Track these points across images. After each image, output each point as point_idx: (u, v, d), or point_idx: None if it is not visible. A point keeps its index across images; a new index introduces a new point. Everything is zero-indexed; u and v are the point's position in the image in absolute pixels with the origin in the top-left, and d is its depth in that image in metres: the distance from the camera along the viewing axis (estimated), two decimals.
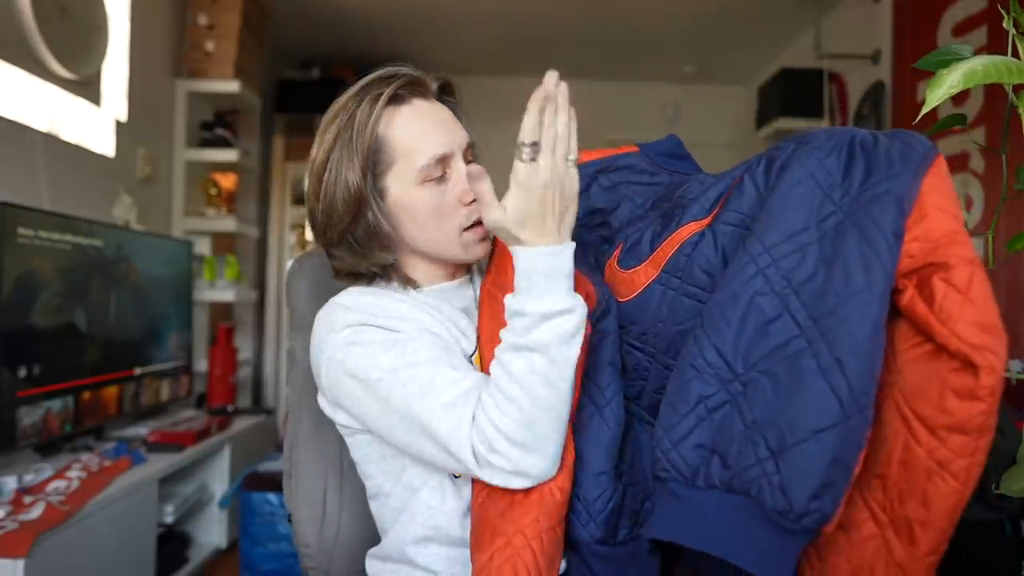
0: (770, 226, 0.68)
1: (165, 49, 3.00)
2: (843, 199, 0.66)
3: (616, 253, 0.88)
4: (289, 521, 1.03)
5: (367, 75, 0.89)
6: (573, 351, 0.72)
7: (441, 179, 0.86)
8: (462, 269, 0.96)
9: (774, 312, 0.66)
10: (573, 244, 0.73)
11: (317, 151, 0.88)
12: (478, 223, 0.87)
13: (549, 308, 0.71)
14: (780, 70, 3.66)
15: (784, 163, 0.72)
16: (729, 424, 0.66)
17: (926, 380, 0.57)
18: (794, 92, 3.55)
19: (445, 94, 0.93)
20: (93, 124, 2.45)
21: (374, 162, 0.85)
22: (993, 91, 2.37)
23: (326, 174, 0.86)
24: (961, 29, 2.63)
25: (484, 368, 0.81)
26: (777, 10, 3.58)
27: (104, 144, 2.52)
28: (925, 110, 0.61)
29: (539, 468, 0.73)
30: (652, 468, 0.74)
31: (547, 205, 0.72)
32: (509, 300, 0.74)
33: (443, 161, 0.86)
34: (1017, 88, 0.66)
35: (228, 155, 3.11)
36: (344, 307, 0.87)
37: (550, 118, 0.77)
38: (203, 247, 3.12)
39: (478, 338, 0.88)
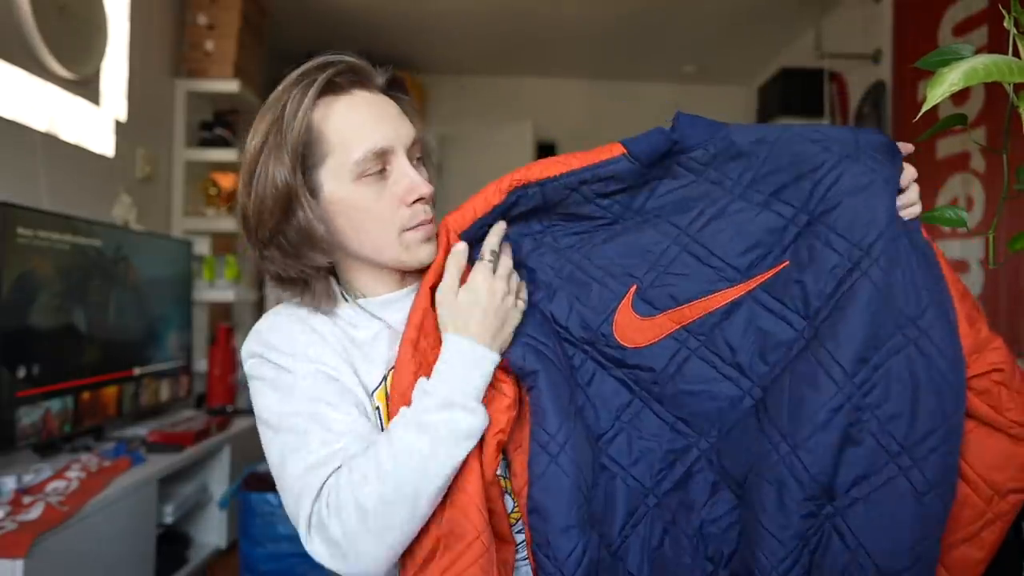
0: (845, 346, 0.71)
1: (165, 49, 3.00)
2: (908, 326, 0.72)
3: (630, 294, 0.81)
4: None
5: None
6: (457, 452, 0.71)
7: (380, 175, 0.79)
8: (410, 276, 0.87)
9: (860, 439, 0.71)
10: (498, 358, 0.76)
11: (249, 142, 0.80)
12: (421, 224, 0.81)
13: (453, 398, 0.72)
14: (780, 70, 3.66)
15: (846, 272, 0.73)
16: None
17: (995, 455, 0.70)
18: (794, 92, 3.55)
19: (394, 89, 0.85)
20: (92, 124, 2.45)
21: (305, 155, 0.78)
22: (994, 91, 2.37)
23: (257, 167, 0.78)
24: (962, 29, 2.63)
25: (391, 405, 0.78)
26: (777, 10, 3.58)
27: (103, 144, 2.51)
28: (926, 108, 0.61)
29: (369, 555, 0.69)
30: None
31: (490, 313, 0.76)
32: (422, 381, 0.74)
33: (382, 156, 0.79)
34: (1018, 87, 0.66)
35: (228, 155, 3.11)
36: (257, 332, 0.83)
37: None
38: (203, 247, 3.11)
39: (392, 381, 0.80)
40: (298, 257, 0.80)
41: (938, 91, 0.59)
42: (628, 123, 4.97)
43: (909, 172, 0.77)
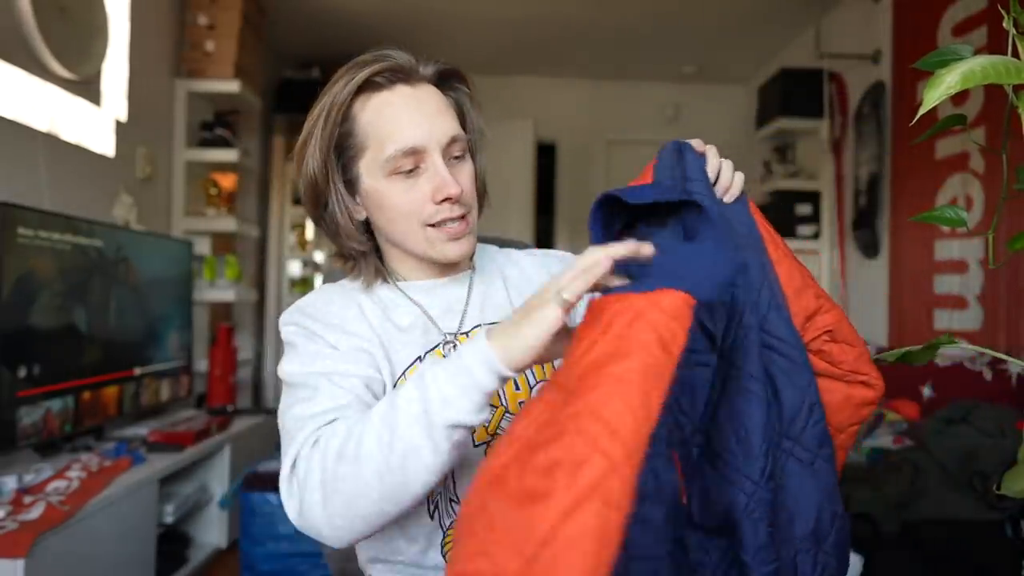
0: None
1: (165, 49, 3.00)
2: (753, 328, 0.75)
3: None
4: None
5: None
6: (405, 463, 0.63)
7: (411, 173, 0.81)
8: (450, 267, 0.90)
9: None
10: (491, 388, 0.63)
11: (304, 128, 0.85)
12: (449, 221, 0.82)
13: (432, 417, 0.62)
14: (780, 70, 3.66)
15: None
16: None
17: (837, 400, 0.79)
18: (794, 92, 3.55)
19: (447, 81, 0.87)
20: (93, 124, 2.45)
21: (342, 148, 0.83)
22: (993, 91, 2.37)
23: (305, 154, 0.84)
24: (961, 29, 2.63)
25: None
26: (777, 10, 3.59)
27: (104, 144, 2.52)
28: (923, 110, 0.61)
29: (314, 511, 0.65)
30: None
31: (530, 341, 0.61)
32: (428, 362, 0.71)
33: (415, 154, 0.80)
34: (1017, 88, 0.66)
35: (228, 155, 3.11)
36: (297, 305, 0.87)
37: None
38: (203, 247, 3.11)
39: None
40: (335, 239, 0.87)
41: (935, 93, 0.59)
42: (628, 123, 5.00)
43: (709, 156, 0.77)
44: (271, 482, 2.28)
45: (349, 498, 0.64)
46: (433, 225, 0.82)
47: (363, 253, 0.88)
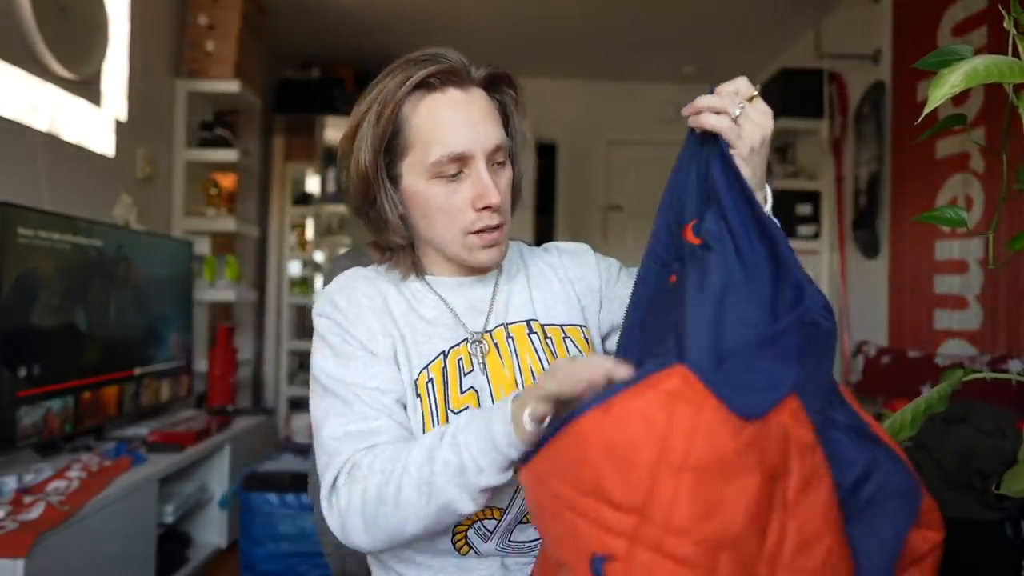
0: None
1: (165, 49, 3.00)
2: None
3: None
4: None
5: (413, 53, 0.85)
6: (443, 516, 0.72)
7: (455, 177, 0.82)
8: (481, 269, 0.92)
9: None
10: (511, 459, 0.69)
11: (352, 118, 0.86)
12: (487, 230, 0.84)
13: (468, 476, 0.69)
14: (780, 70, 3.66)
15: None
16: None
17: None
18: (794, 92, 3.55)
19: (495, 85, 0.88)
20: (93, 124, 2.45)
21: (391, 145, 0.84)
22: (993, 91, 2.37)
23: (352, 147, 0.85)
24: (961, 29, 2.63)
25: None
26: (777, 10, 3.59)
27: (104, 144, 2.52)
28: (928, 109, 0.61)
29: (357, 535, 0.76)
30: None
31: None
32: (464, 417, 0.73)
33: (460, 160, 0.82)
34: (1017, 88, 0.66)
35: (228, 155, 3.11)
36: (328, 294, 0.89)
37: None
38: (203, 247, 3.11)
39: None
40: (377, 232, 0.89)
41: (939, 92, 0.59)
42: (628, 123, 5.00)
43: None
44: (271, 482, 2.29)
45: (390, 531, 0.74)
46: (472, 232, 0.84)
47: (402, 247, 0.90)
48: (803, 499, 0.53)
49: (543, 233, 4.79)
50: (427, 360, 0.85)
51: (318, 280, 4.48)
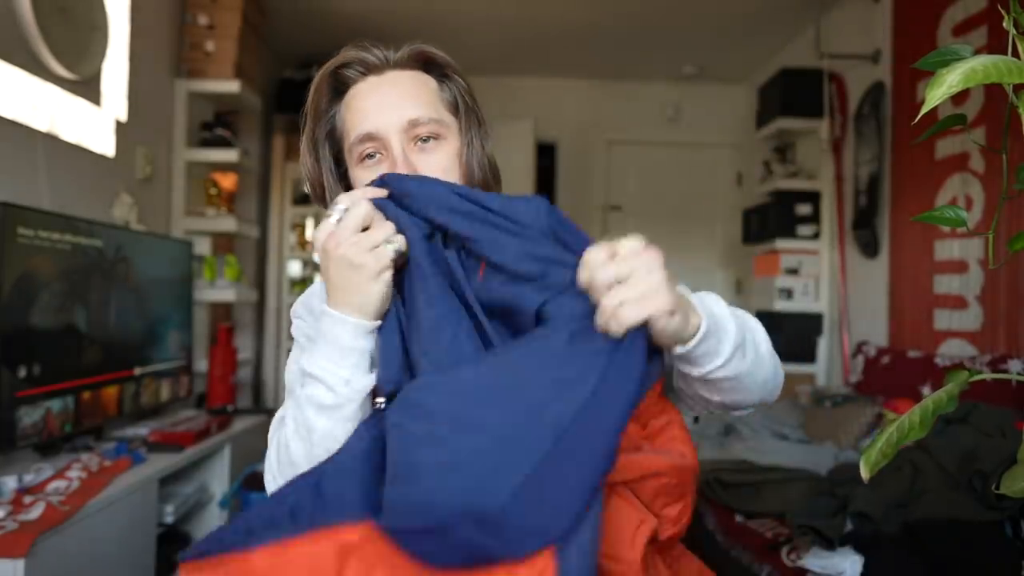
0: None
1: (165, 49, 3.00)
2: None
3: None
4: None
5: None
6: (317, 422, 0.72)
7: (374, 159, 0.82)
8: None
9: None
10: (364, 323, 0.72)
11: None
12: None
13: (310, 367, 0.73)
14: (780, 70, 3.66)
15: None
16: None
17: None
18: (794, 92, 3.55)
19: (438, 70, 0.87)
20: (93, 124, 2.45)
21: (332, 144, 0.87)
22: (993, 91, 2.37)
23: (301, 155, 0.89)
24: (961, 29, 2.63)
25: None
26: (777, 10, 3.59)
27: (104, 144, 2.52)
28: (925, 110, 0.61)
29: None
30: None
31: (342, 275, 0.72)
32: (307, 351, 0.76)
33: (372, 140, 0.81)
34: (1017, 88, 0.66)
35: (228, 155, 3.11)
36: (304, 294, 0.92)
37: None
38: (203, 247, 3.11)
39: None
40: None
41: (937, 92, 0.59)
42: (628, 123, 5.00)
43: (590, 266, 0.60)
44: None
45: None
46: None
47: None
48: None
49: None
50: None
51: (318, 280, 4.48)
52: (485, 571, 0.47)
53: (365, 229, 0.72)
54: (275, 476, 0.76)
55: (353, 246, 0.71)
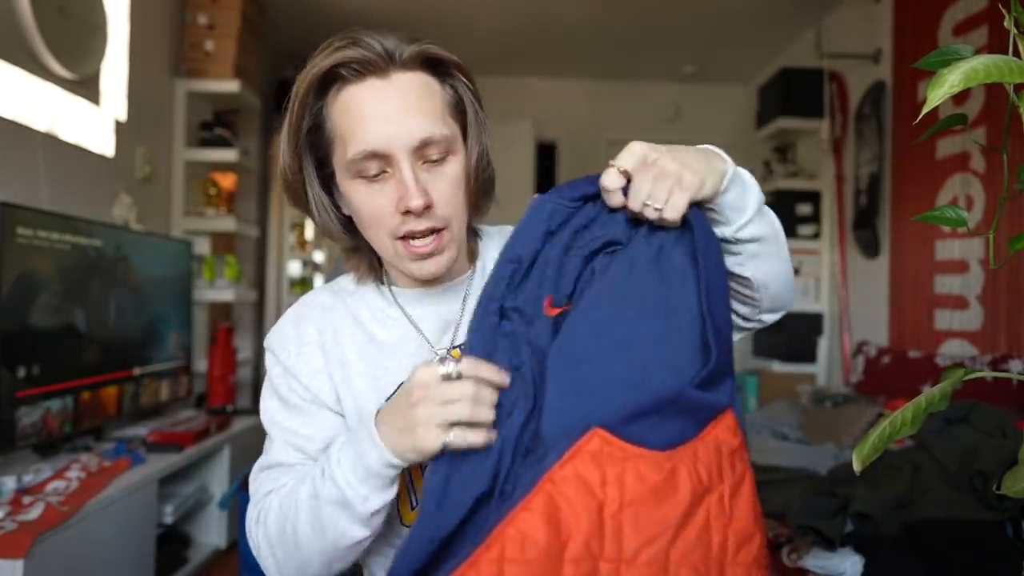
0: None
1: (165, 49, 3.00)
2: None
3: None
4: None
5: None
6: (337, 545, 0.71)
7: (377, 177, 0.73)
8: (447, 272, 0.82)
9: None
10: (399, 463, 0.67)
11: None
12: (415, 236, 0.75)
13: (332, 469, 0.70)
14: (780, 70, 3.66)
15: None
16: None
17: None
18: (794, 92, 3.55)
19: (443, 69, 0.77)
20: (92, 124, 2.45)
21: (316, 142, 0.77)
22: (994, 91, 2.37)
23: (280, 149, 0.79)
24: (962, 29, 2.63)
25: None
26: (777, 10, 3.58)
27: (103, 144, 2.51)
28: (926, 109, 0.60)
29: (270, 569, 0.76)
30: None
31: (409, 422, 0.66)
32: (335, 453, 0.71)
33: (377, 158, 0.72)
34: (1018, 87, 0.66)
35: (227, 155, 3.11)
36: (279, 325, 0.85)
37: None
38: (202, 247, 3.11)
39: None
40: (327, 233, 0.82)
41: (938, 92, 0.59)
42: (628, 123, 4.99)
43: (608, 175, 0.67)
44: None
45: (298, 570, 0.74)
46: (399, 238, 0.75)
47: (356, 248, 0.83)
48: (735, 504, 0.61)
49: None
50: (386, 395, 0.79)
51: (318, 280, 4.48)
52: (697, 437, 0.60)
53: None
54: (273, 551, 0.74)
55: (441, 413, 0.63)
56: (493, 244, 0.89)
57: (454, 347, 0.82)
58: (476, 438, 0.63)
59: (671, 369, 0.62)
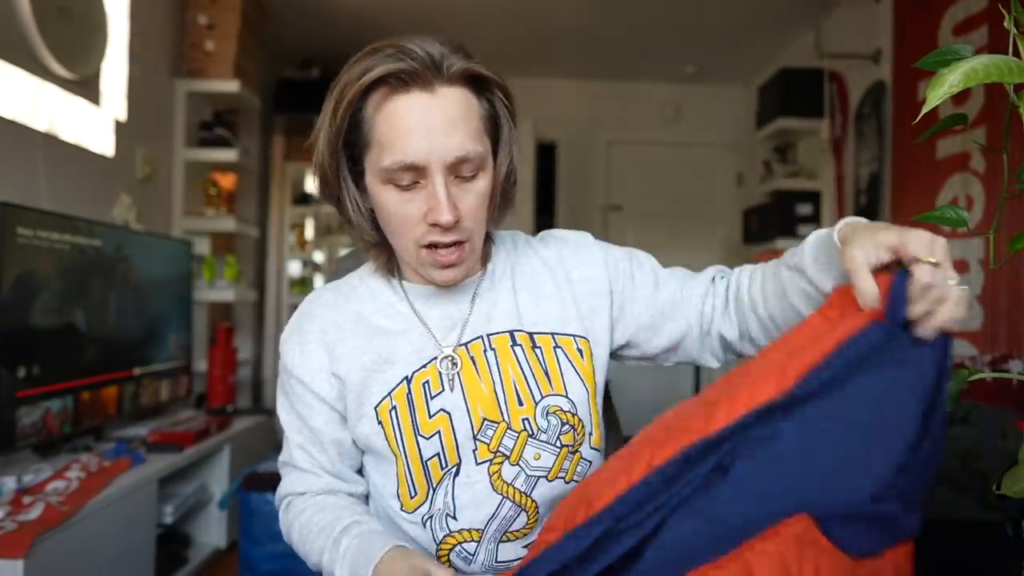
0: None
1: (165, 49, 3.00)
2: None
3: None
4: None
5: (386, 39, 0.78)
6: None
7: (409, 187, 0.76)
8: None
9: None
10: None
11: (321, 111, 0.82)
12: (439, 247, 0.79)
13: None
14: (780, 70, 3.66)
15: None
16: None
17: None
18: (794, 92, 3.55)
19: (484, 85, 0.79)
20: (92, 124, 2.45)
21: (351, 141, 0.79)
22: (994, 91, 2.37)
23: (317, 142, 0.81)
24: (962, 28, 2.62)
25: None
26: (777, 10, 3.58)
27: (103, 144, 2.51)
28: (925, 109, 0.60)
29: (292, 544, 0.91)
30: None
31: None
32: (350, 540, 0.82)
33: (413, 170, 0.75)
34: (1018, 87, 0.66)
35: (227, 155, 3.11)
36: (293, 321, 0.91)
37: None
38: (202, 247, 3.11)
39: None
40: (349, 228, 0.86)
41: (938, 92, 0.59)
42: (628, 123, 5.00)
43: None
44: (271, 482, 2.28)
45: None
46: (424, 247, 0.79)
47: (378, 243, 0.87)
48: None
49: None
50: (390, 387, 0.83)
51: (318, 280, 4.48)
52: (891, 550, 0.59)
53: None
54: (293, 544, 0.90)
55: None
56: (504, 247, 0.93)
57: (460, 344, 0.85)
58: None
59: (874, 479, 0.59)
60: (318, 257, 4.56)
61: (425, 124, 0.74)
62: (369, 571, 0.75)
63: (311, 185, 4.42)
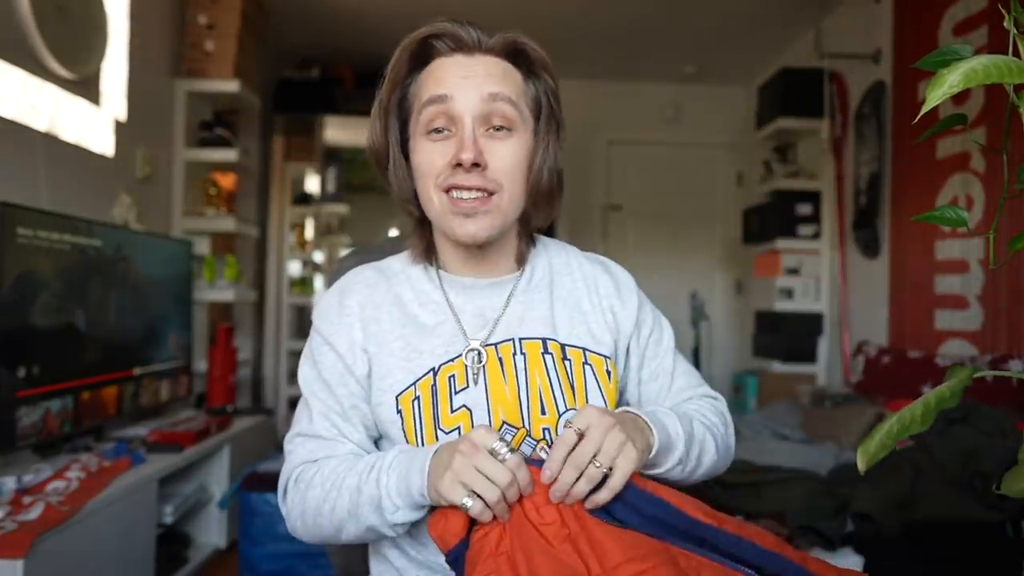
0: None
1: (165, 49, 3.00)
2: None
3: None
4: None
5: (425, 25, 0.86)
6: (366, 535, 0.79)
7: (441, 134, 0.79)
8: (486, 264, 0.87)
9: None
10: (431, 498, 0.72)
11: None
12: (460, 189, 0.79)
13: (395, 514, 0.74)
14: (780, 70, 3.66)
15: None
16: None
17: None
18: (794, 92, 3.55)
19: (529, 66, 0.88)
20: (92, 124, 2.45)
21: (401, 111, 0.85)
22: (994, 91, 2.37)
23: (372, 122, 0.86)
24: (962, 28, 2.63)
25: None
26: (777, 10, 3.58)
27: (103, 144, 2.51)
28: (925, 110, 0.60)
29: (299, 533, 0.84)
30: None
31: (447, 464, 0.69)
32: (384, 464, 0.76)
33: (446, 115, 0.79)
34: (1018, 88, 0.66)
35: (227, 155, 3.11)
36: (331, 293, 0.89)
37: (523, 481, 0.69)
38: (202, 247, 3.11)
39: None
40: (398, 201, 0.87)
41: (937, 92, 0.59)
42: (628, 123, 5.00)
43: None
44: (271, 482, 2.28)
45: (328, 537, 0.81)
46: (444, 190, 0.79)
47: (420, 221, 0.87)
48: None
49: (543, 233, 4.78)
50: (415, 376, 0.82)
51: (318, 280, 4.48)
52: None
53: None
54: (304, 516, 0.81)
55: (471, 477, 0.67)
56: (547, 253, 0.94)
57: (488, 344, 0.84)
58: (485, 517, 0.68)
59: None
60: (318, 257, 4.56)
61: (462, 72, 0.80)
62: (427, 458, 0.71)
63: (311, 185, 4.42)
